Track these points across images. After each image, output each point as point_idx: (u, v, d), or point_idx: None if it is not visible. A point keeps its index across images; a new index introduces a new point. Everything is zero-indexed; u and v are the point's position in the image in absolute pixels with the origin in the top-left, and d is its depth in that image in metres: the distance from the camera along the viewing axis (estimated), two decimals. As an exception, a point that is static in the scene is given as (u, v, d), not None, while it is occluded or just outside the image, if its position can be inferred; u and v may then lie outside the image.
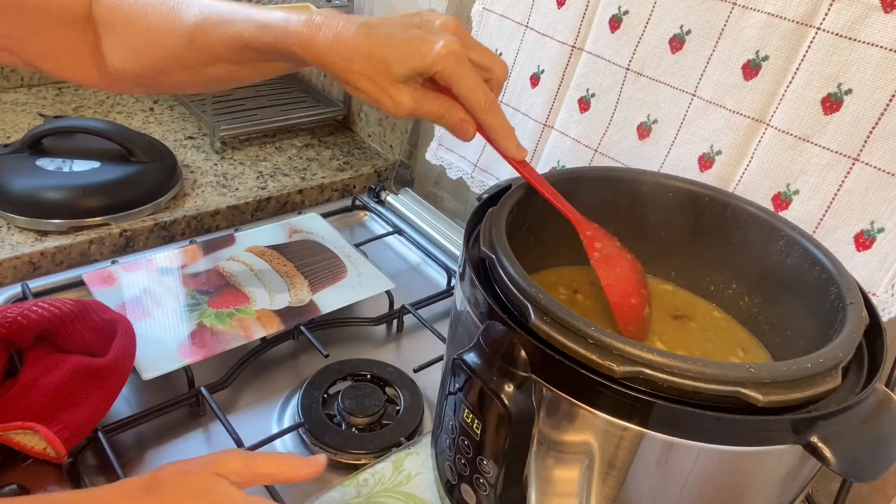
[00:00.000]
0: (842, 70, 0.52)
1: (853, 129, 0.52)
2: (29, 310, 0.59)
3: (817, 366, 0.36)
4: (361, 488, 0.56)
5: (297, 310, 0.73)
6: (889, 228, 0.51)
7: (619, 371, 0.35)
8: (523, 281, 0.40)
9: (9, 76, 1.12)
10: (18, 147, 0.86)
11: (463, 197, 0.94)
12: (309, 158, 1.05)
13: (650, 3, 0.63)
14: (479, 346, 0.40)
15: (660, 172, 0.56)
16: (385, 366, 0.69)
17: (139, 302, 0.72)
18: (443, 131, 0.88)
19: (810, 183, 0.55)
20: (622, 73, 0.66)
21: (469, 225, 0.49)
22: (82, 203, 0.82)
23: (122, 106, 1.12)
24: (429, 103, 0.45)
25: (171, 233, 0.87)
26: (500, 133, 0.47)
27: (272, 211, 0.95)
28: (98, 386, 0.58)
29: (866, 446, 0.36)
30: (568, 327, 0.37)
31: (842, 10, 0.51)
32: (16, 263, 0.77)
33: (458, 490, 0.46)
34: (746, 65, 0.57)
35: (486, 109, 0.46)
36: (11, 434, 0.54)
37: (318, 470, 0.47)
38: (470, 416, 0.42)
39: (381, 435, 0.62)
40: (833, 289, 0.43)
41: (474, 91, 0.45)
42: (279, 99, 1.15)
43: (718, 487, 0.38)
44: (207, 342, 0.67)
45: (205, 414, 0.64)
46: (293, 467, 0.47)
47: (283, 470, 0.46)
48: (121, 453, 0.59)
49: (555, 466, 0.41)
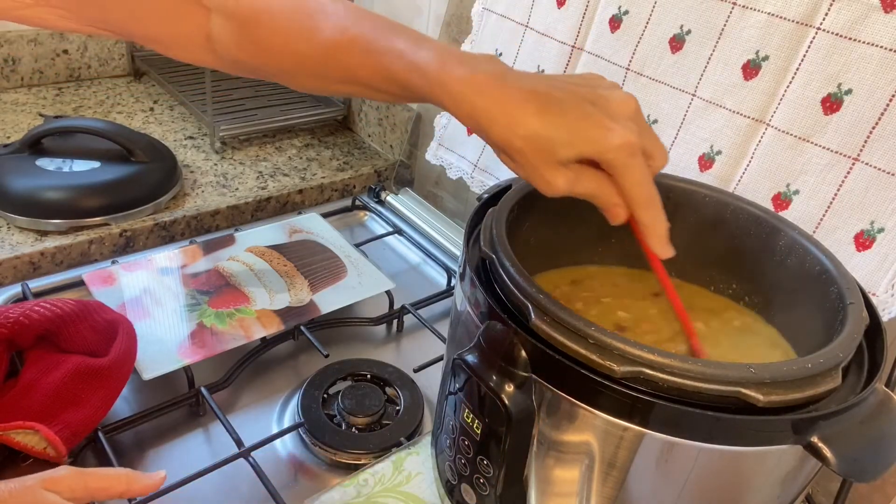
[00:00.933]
0: (842, 70, 0.52)
1: (853, 129, 0.52)
2: (31, 310, 0.59)
3: (817, 366, 0.36)
4: (361, 488, 0.56)
5: (297, 310, 0.73)
6: (889, 228, 0.51)
7: (620, 371, 0.35)
8: (523, 281, 0.40)
9: (9, 76, 1.12)
10: (18, 147, 0.86)
11: (463, 197, 0.94)
12: (309, 158, 1.05)
13: (650, 3, 0.63)
14: (479, 346, 0.40)
15: (659, 172, 0.56)
16: (385, 366, 0.69)
17: (139, 302, 0.72)
18: (443, 131, 0.88)
19: (810, 183, 0.55)
20: (622, 73, 0.66)
21: (469, 225, 0.49)
22: (82, 203, 0.82)
23: (122, 106, 1.12)
24: (584, 184, 0.40)
25: (171, 233, 0.87)
26: (652, 230, 0.42)
27: (272, 211, 0.95)
28: (99, 386, 0.58)
29: (866, 446, 0.36)
30: (568, 327, 0.37)
31: (842, 10, 0.51)
32: (16, 263, 0.77)
33: (458, 490, 0.46)
34: (746, 65, 0.57)
35: (645, 206, 0.41)
36: (12, 434, 0.54)
37: (157, 484, 0.47)
38: (470, 416, 0.42)
39: (381, 435, 0.62)
40: (833, 289, 0.43)
41: (639, 186, 0.40)
42: (279, 99, 1.15)
43: (718, 487, 0.38)
44: (207, 342, 0.67)
45: (205, 414, 0.64)
46: (129, 482, 0.46)
47: (116, 484, 0.46)
48: (121, 453, 0.59)
49: (555, 466, 0.41)
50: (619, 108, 0.41)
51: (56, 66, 1.16)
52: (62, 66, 1.17)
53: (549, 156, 0.39)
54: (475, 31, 0.80)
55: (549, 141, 0.39)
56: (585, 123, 0.39)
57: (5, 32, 1.09)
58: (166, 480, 0.54)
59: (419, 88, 0.43)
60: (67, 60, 1.17)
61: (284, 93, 1.18)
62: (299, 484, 0.59)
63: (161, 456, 0.60)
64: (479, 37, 0.80)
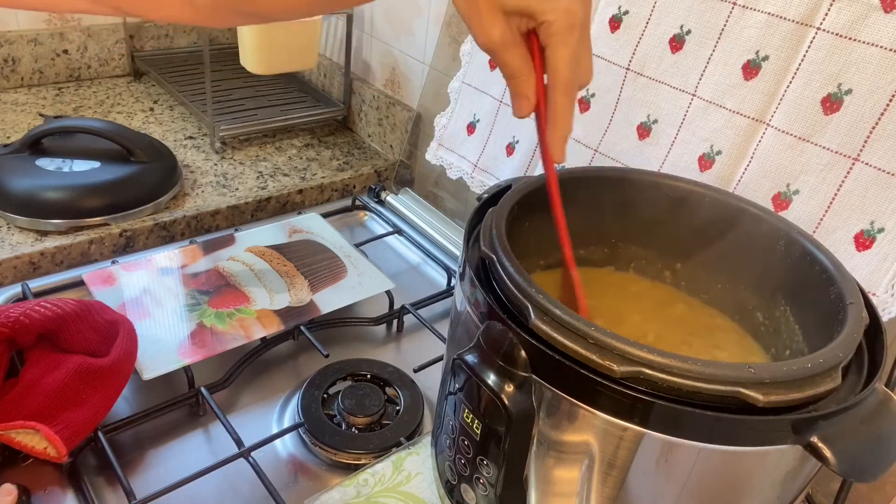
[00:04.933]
0: (842, 70, 0.52)
1: (853, 129, 0.52)
2: (32, 309, 0.59)
3: (817, 366, 0.36)
4: (361, 488, 0.56)
5: (297, 310, 0.73)
6: (889, 228, 0.51)
7: (619, 371, 0.35)
8: (523, 281, 0.40)
9: (9, 76, 1.12)
10: (18, 147, 0.86)
11: (463, 197, 0.94)
12: (309, 158, 1.05)
13: (650, 3, 0.63)
14: (479, 346, 0.40)
15: (660, 172, 0.56)
16: (385, 366, 0.69)
17: (139, 302, 0.72)
18: (443, 131, 0.88)
19: (810, 183, 0.55)
20: (622, 73, 0.66)
21: (469, 225, 0.49)
22: (82, 203, 0.82)
23: (122, 106, 1.12)
24: (513, 55, 0.41)
25: (171, 233, 0.87)
26: (558, 121, 0.42)
27: (272, 211, 0.96)
28: (99, 386, 0.58)
29: (866, 446, 0.36)
30: (568, 327, 0.37)
31: (842, 10, 0.51)
32: (16, 263, 0.77)
33: (458, 490, 0.46)
34: (746, 65, 0.57)
35: (563, 89, 0.41)
36: (12, 433, 0.54)
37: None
38: (470, 416, 0.42)
39: (381, 435, 0.62)
40: (833, 289, 0.43)
41: (566, 62, 0.40)
42: (279, 99, 1.15)
43: (718, 487, 0.38)
44: (207, 342, 0.67)
45: (205, 414, 0.64)
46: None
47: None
48: (121, 453, 0.59)
49: (555, 466, 0.41)
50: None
51: (56, 66, 1.16)
52: (62, 66, 1.17)
53: (493, 0, 0.39)
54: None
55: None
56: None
57: (5, 32, 1.09)
58: (166, 480, 0.54)
59: None
60: (67, 60, 1.17)
61: (284, 93, 1.18)
62: (299, 484, 0.59)
63: (161, 456, 0.60)
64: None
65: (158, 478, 0.57)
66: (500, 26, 0.40)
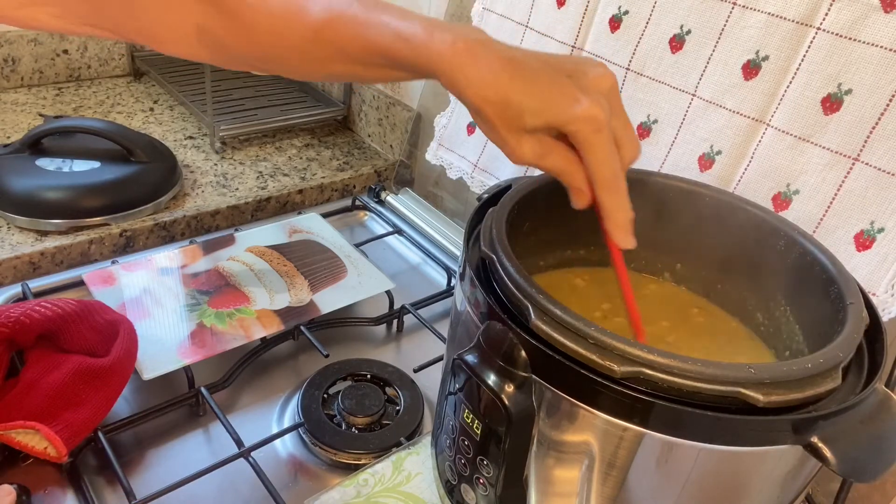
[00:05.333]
0: (842, 70, 0.52)
1: (853, 129, 0.52)
2: (32, 309, 0.59)
3: (817, 366, 0.36)
4: (361, 488, 0.56)
5: (297, 310, 0.73)
6: (889, 228, 0.51)
7: (619, 371, 0.35)
8: (523, 281, 0.40)
9: (9, 76, 1.12)
10: (18, 147, 0.86)
11: (463, 197, 0.94)
12: (309, 158, 1.05)
13: (650, 3, 0.63)
14: (479, 346, 0.40)
15: (659, 172, 0.56)
16: (385, 366, 0.69)
17: (139, 302, 0.72)
18: (443, 131, 0.88)
19: (810, 183, 0.55)
20: (622, 73, 0.66)
21: (469, 225, 0.49)
22: (82, 203, 0.82)
23: (122, 106, 1.12)
24: (552, 159, 0.41)
25: (171, 233, 0.87)
26: (614, 216, 0.42)
27: (272, 211, 0.96)
28: (99, 386, 0.58)
29: (866, 446, 0.36)
30: (568, 327, 0.37)
31: (842, 10, 0.51)
32: (16, 263, 0.77)
33: (458, 490, 0.46)
34: (746, 65, 0.57)
35: (607, 187, 0.41)
36: (12, 433, 0.54)
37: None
38: (470, 416, 0.42)
39: (381, 435, 0.62)
40: (833, 289, 0.43)
41: (602, 165, 0.40)
42: (279, 99, 1.15)
43: (718, 487, 0.38)
44: (207, 342, 0.67)
45: (205, 414, 0.64)
46: None
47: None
48: (121, 453, 0.59)
49: (555, 466, 0.41)
50: (593, 82, 0.41)
51: (56, 66, 1.16)
52: (62, 66, 1.17)
53: (515, 122, 0.40)
54: (475, 31, 0.80)
55: (517, 106, 0.39)
56: (554, 92, 0.40)
57: (5, 32, 1.09)
58: (166, 480, 0.54)
59: (405, 58, 0.43)
60: (67, 60, 1.17)
61: (284, 93, 1.18)
62: (299, 484, 0.59)
63: (161, 456, 0.60)
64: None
65: (158, 478, 0.57)
66: (527, 145, 0.41)
